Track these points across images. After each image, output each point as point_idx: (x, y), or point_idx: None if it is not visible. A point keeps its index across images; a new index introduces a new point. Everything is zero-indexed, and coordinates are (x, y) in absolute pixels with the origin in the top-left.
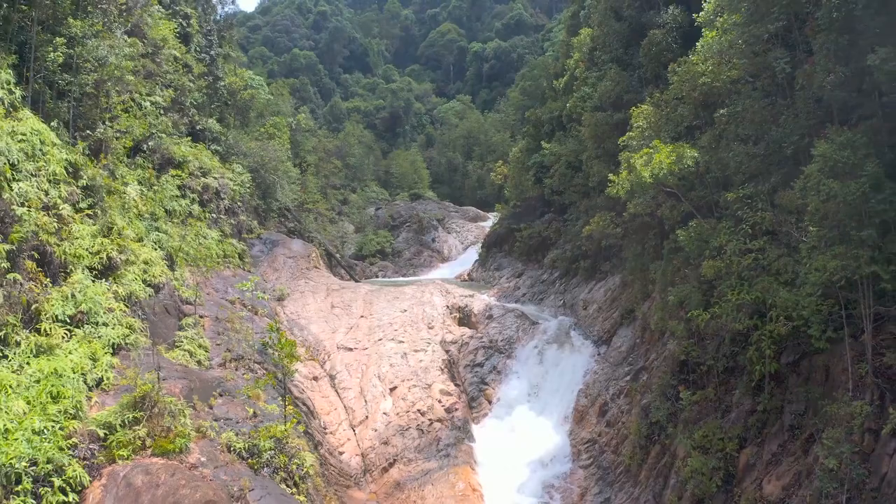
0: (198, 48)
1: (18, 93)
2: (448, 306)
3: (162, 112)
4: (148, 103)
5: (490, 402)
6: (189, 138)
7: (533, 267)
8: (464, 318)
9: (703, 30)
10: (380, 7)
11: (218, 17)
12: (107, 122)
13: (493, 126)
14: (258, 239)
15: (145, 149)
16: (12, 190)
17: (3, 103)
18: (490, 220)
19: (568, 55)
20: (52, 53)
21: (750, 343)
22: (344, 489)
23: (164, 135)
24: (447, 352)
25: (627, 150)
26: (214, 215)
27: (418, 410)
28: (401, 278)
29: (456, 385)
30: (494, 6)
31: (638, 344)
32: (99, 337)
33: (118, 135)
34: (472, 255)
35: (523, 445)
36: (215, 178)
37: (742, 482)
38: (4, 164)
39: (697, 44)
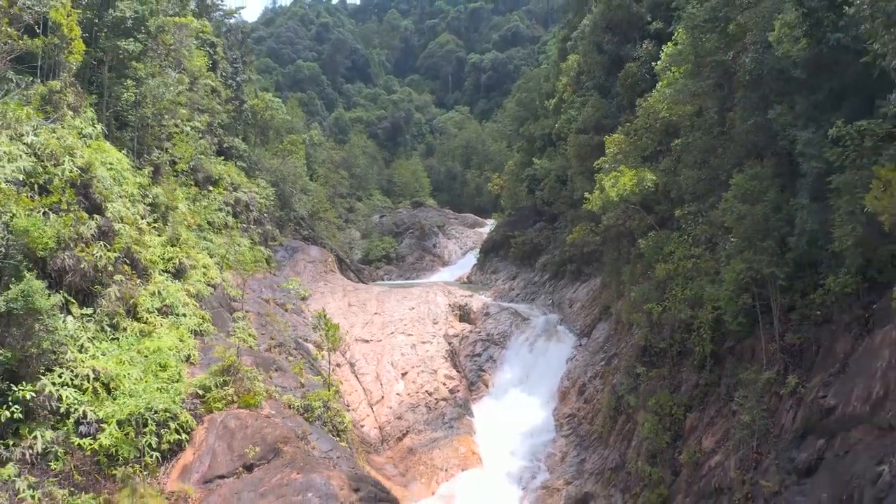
0: (224, 74)
1: (100, 127)
2: (450, 305)
3: (200, 135)
4: (189, 128)
5: (487, 386)
6: (221, 158)
7: (526, 270)
8: (464, 315)
9: (659, 75)
10: (380, 18)
11: (228, 31)
12: (164, 149)
13: (490, 136)
14: (280, 246)
15: (188, 168)
16: (109, 210)
17: (91, 137)
18: (487, 226)
19: (558, 77)
20: (125, 93)
21: (693, 329)
22: (366, 454)
23: (202, 156)
24: (450, 344)
25: (602, 172)
26: (245, 225)
27: (426, 391)
28: (405, 281)
29: (458, 371)
30: (492, 17)
31: (612, 335)
32: (181, 325)
33: (172, 158)
34: (471, 259)
35: (515, 420)
36: (244, 192)
37: (687, 440)
38: (106, 189)
39: (658, 85)
